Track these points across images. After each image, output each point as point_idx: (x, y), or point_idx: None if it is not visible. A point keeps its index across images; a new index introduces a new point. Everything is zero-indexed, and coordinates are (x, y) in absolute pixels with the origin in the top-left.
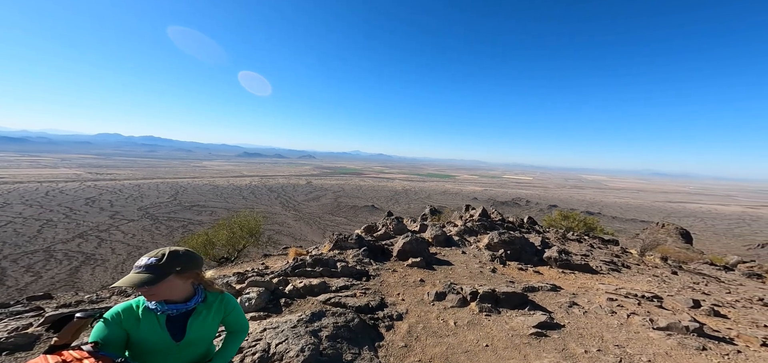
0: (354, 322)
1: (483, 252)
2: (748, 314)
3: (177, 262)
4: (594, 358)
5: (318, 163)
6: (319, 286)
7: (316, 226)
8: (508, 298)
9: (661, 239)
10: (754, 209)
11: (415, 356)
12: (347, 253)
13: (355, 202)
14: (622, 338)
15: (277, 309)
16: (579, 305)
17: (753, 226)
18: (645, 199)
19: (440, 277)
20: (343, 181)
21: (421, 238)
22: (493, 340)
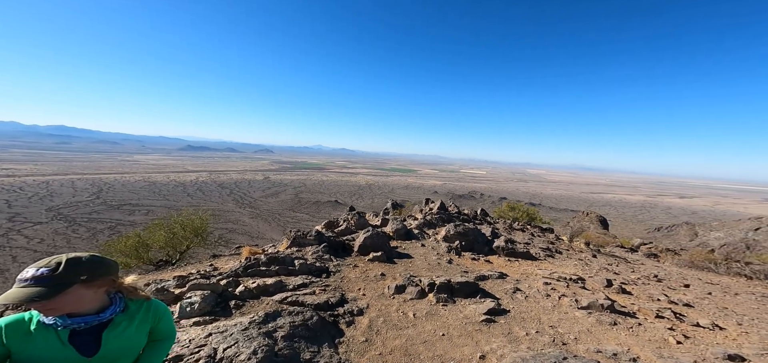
0: (313, 320)
1: (440, 244)
2: (646, 290)
3: (80, 271)
4: (533, 339)
5: (276, 157)
6: (275, 286)
7: (276, 224)
8: (462, 287)
9: (585, 226)
10: (652, 198)
11: (376, 350)
12: (306, 250)
13: (317, 197)
14: (555, 319)
15: (225, 312)
16: (521, 290)
17: (652, 213)
18: (574, 191)
19: (400, 271)
20: (304, 176)
21: (382, 233)
22: (448, 329)
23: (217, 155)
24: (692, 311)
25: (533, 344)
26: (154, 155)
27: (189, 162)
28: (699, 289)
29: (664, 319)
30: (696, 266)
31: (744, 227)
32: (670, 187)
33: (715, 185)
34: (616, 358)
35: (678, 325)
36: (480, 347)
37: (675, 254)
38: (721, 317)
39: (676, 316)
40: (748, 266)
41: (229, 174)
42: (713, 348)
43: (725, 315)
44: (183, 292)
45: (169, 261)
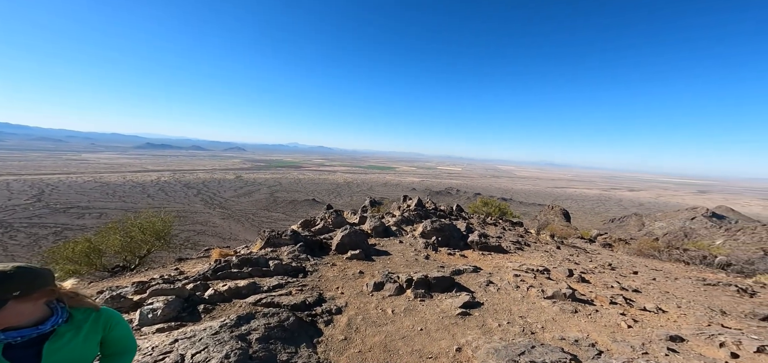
0: (289, 320)
1: (418, 240)
2: (602, 278)
3: (11, 287)
4: (505, 330)
5: (249, 155)
6: (248, 288)
7: (250, 224)
8: (438, 282)
9: (551, 219)
10: (607, 192)
11: (355, 348)
12: (281, 250)
13: (294, 196)
14: (524, 309)
15: (193, 317)
16: (494, 283)
17: (606, 205)
18: (541, 186)
19: (379, 268)
20: (279, 174)
21: (360, 230)
22: (426, 324)
23: (182, 154)
24: (640, 296)
25: (505, 335)
26: (106, 154)
27: (149, 161)
28: (645, 276)
29: (616, 305)
30: (643, 254)
31: (682, 217)
32: (621, 181)
33: (658, 179)
34: (578, 344)
35: (628, 310)
36: (456, 340)
37: (626, 243)
38: (663, 301)
39: (627, 302)
40: (686, 253)
41: (196, 173)
42: (657, 330)
43: (667, 299)
44: (143, 299)
45: (126, 266)
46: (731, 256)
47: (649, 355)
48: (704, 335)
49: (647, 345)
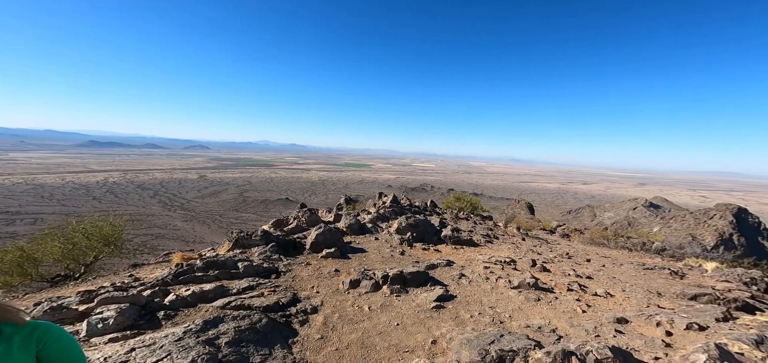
0: (262, 322)
1: (393, 236)
2: (560, 266)
3: None
4: (476, 321)
5: (214, 154)
6: (215, 291)
7: (217, 226)
8: (414, 277)
9: (517, 212)
10: (564, 185)
11: (332, 346)
12: (252, 251)
13: (266, 195)
14: (494, 300)
15: (152, 324)
16: (466, 276)
17: (565, 198)
18: (508, 181)
19: (355, 265)
20: (249, 173)
21: (335, 229)
22: (402, 319)
23: (134, 152)
24: (592, 283)
25: (477, 325)
26: (39, 153)
27: (93, 160)
28: (597, 263)
29: (573, 292)
30: (595, 243)
31: (626, 207)
32: (576, 176)
33: (605, 172)
34: (541, 330)
35: (583, 296)
36: (431, 333)
37: (581, 233)
38: (611, 286)
39: (581, 288)
40: (629, 240)
41: (152, 173)
42: (606, 313)
43: (614, 283)
44: (91, 308)
45: (70, 275)
46: (666, 242)
47: (600, 337)
48: (644, 316)
49: (599, 328)
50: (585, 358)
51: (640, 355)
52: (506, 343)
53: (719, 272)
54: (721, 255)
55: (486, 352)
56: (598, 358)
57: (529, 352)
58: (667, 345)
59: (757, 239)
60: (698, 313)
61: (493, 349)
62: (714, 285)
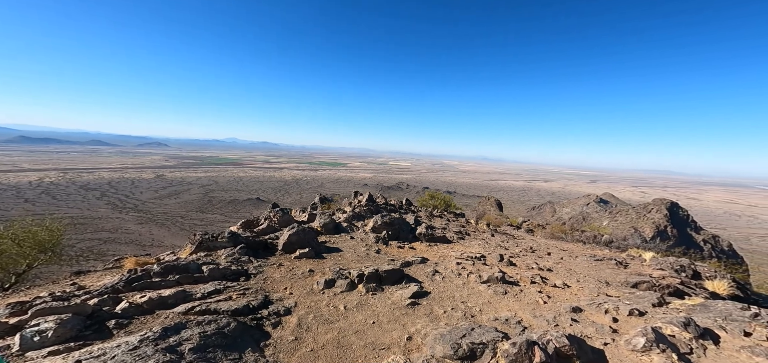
0: (230, 326)
1: (369, 235)
2: (525, 260)
3: None
4: (449, 316)
5: (173, 152)
6: (176, 297)
7: (178, 228)
8: (389, 275)
9: (487, 209)
10: (529, 183)
11: (307, 346)
12: (218, 253)
13: (234, 195)
14: (465, 295)
15: (102, 334)
16: (439, 272)
17: (529, 195)
18: (479, 179)
19: (330, 265)
20: (215, 172)
21: (309, 228)
22: (378, 317)
23: (76, 150)
24: (552, 275)
25: (450, 320)
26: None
27: (25, 158)
28: (556, 256)
29: (536, 284)
30: (555, 237)
31: (580, 203)
32: (539, 174)
33: (563, 171)
34: (508, 322)
35: (544, 288)
36: (407, 329)
37: (543, 228)
38: (568, 277)
39: (543, 280)
40: (583, 234)
41: (98, 172)
42: (564, 303)
43: (571, 275)
44: (24, 321)
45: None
46: (613, 234)
47: (559, 326)
48: (595, 304)
49: (557, 317)
50: (546, 347)
51: (592, 341)
52: (476, 336)
53: (656, 261)
54: (657, 245)
55: (458, 346)
56: (557, 346)
57: (498, 344)
58: (613, 331)
59: (686, 230)
60: (638, 300)
61: (465, 342)
62: (651, 273)
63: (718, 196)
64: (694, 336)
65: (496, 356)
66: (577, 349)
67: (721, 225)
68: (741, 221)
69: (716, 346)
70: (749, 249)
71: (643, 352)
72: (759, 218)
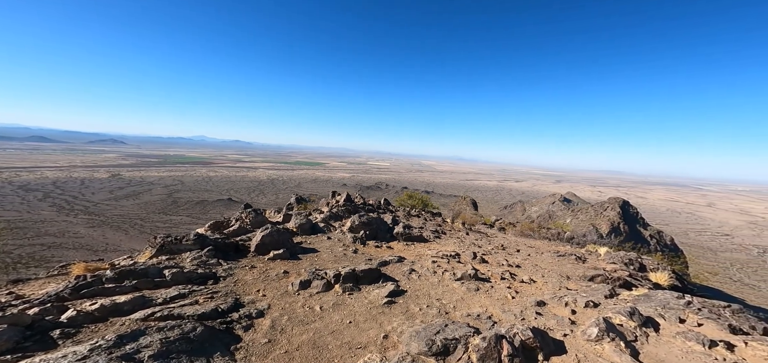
0: (197, 331)
1: (346, 235)
2: (496, 257)
3: None
4: (425, 313)
5: (132, 149)
6: (134, 302)
7: (137, 231)
8: (366, 275)
9: (463, 208)
10: (501, 183)
11: (281, 348)
12: (182, 257)
13: (202, 196)
14: (440, 292)
15: (45, 345)
16: (416, 271)
17: (501, 194)
18: (456, 179)
19: (306, 266)
20: (181, 171)
21: (284, 229)
22: (355, 316)
23: (13, 146)
24: (520, 271)
25: (425, 317)
26: None
27: None
28: (524, 252)
29: (505, 280)
30: (524, 234)
31: (547, 202)
32: (510, 174)
33: (533, 171)
34: (479, 317)
35: (513, 284)
36: (383, 328)
37: (514, 226)
38: (534, 273)
39: (512, 276)
40: (549, 231)
41: (41, 171)
42: (530, 298)
43: (536, 270)
44: None
45: None
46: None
47: (525, 319)
48: (557, 298)
49: (524, 311)
50: (513, 340)
51: (553, 333)
52: (450, 332)
53: (609, 256)
54: (611, 241)
55: (432, 342)
56: (522, 339)
57: (469, 339)
58: (572, 322)
59: (636, 226)
60: (593, 292)
61: (439, 338)
62: (605, 267)
63: (661, 195)
64: (638, 324)
65: (467, 351)
66: (540, 341)
67: (665, 221)
68: (680, 218)
69: (656, 332)
70: (687, 243)
71: (597, 341)
72: (695, 215)
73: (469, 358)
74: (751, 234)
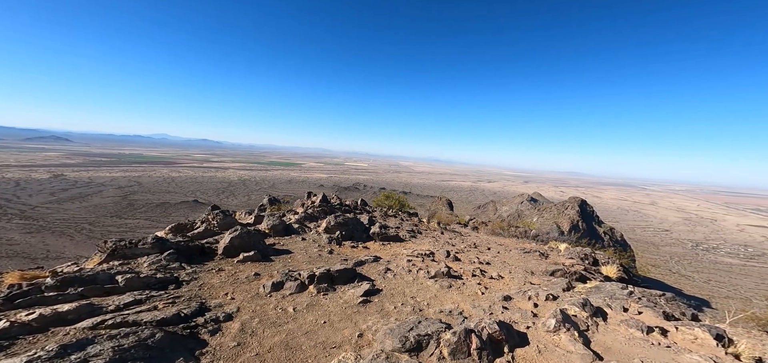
0: (155, 337)
1: (322, 236)
2: (468, 255)
3: None
4: (399, 311)
5: (78, 148)
6: (79, 311)
7: (85, 237)
8: (341, 275)
9: (439, 208)
10: (475, 184)
11: (252, 351)
12: (138, 261)
13: (164, 198)
14: (415, 290)
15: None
16: (391, 270)
17: (475, 194)
18: (433, 180)
19: (278, 267)
20: (138, 171)
21: (255, 231)
22: (330, 316)
23: None
24: (490, 267)
25: (399, 315)
26: None
27: None
28: (494, 250)
29: (476, 277)
30: (495, 233)
31: (516, 202)
32: (484, 175)
33: (504, 172)
34: (451, 314)
35: (483, 280)
36: (358, 327)
37: (486, 225)
38: (502, 269)
39: (482, 273)
40: (517, 229)
41: None
42: (498, 293)
43: (504, 267)
44: None
45: None
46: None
47: (493, 314)
48: (521, 293)
49: (492, 306)
50: (481, 334)
51: (518, 326)
52: (423, 329)
53: (568, 252)
54: (571, 237)
55: (406, 339)
56: (489, 332)
57: (441, 335)
58: (534, 315)
59: (592, 224)
60: (553, 286)
61: (412, 335)
62: (564, 262)
63: (613, 194)
64: (590, 314)
65: (439, 346)
66: (506, 334)
67: (616, 219)
68: (628, 215)
69: (605, 321)
70: (634, 238)
71: (554, 332)
72: (641, 212)
73: (441, 353)
74: (686, 229)
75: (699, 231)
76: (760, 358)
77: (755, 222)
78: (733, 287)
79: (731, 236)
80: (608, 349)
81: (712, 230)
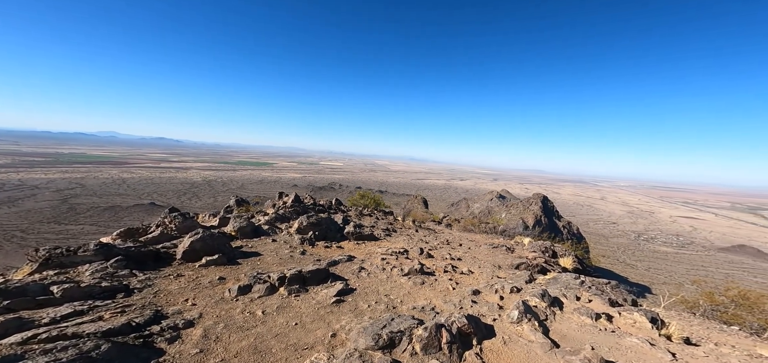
0: (101, 348)
1: (294, 236)
2: (441, 252)
3: None
4: (373, 309)
5: (6, 146)
6: (6, 326)
7: (16, 246)
8: (313, 275)
9: (414, 207)
10: (449, 182)
11: (217, 357)
12: (79, 269)
13: (113, 201)
14: (389, 288)
15: None
16: (365, 269)
17: (449, 192)
18: (408, 178)
19: (246, 270)
20: (81, 172)
21: (219, 233)
22: (301, 317)
23: None
24: (461, 263)
25: (373, 313)
26: None
27: None
28: (466, 246)
29: (448, 273)
30: (467, 230)
31: (486, 199)
32: (456, 173)
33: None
34: (423, 310)
35: (454, 276)
36: (331, 327)
37: (458, 222)
38: (473, 264)
39: (454, 269)
40: (487, 225)
41: None
42: (467, 288)
43: (474, 262)
44: None
45: None
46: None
47: (462, 308)
48: (489, 286)
49: (462, 300)
50: (451, 328)
51: (485, 318)
52: (395, 326)
53: (531, 245)
54: (535, 232)
55: (379, 337)
56: (459, 326)
57: (413, 331)
58: (500, 307)
59: (553, 218)
60: (517, 279)
61: (385, 332)
62: (528, 255)
63: (570, 191)
64: (548, 304)
65: (412, 342)
66: (474, 327)
67: (572, 213)
68: (583, 210)
69: (561, 310)
70: (588, 231)
71: (517, 323)
72: (593, 207)
73: (413, 349)
74: (630, 222)
75: (640, 223)
76: (687, 338)
77: (685, 213)
78: (668, 274)
79: (666, 227)
80: (564, 336)
81: (650, 222)
